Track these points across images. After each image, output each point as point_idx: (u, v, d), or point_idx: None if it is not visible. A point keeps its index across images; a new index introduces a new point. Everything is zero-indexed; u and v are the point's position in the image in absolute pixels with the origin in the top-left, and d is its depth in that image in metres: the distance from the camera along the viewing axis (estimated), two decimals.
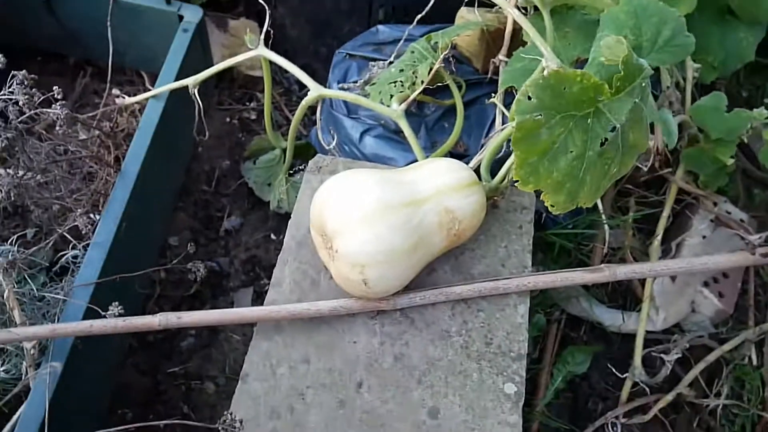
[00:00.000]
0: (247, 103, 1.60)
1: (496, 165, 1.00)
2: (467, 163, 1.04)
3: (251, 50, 1.10)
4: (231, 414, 0.66)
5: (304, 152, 1.32)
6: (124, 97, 1.25)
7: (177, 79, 1.23)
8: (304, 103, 1.03)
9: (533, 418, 1.15)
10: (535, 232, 1.21)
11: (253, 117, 1.57)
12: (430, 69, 1.06)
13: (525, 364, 0.88)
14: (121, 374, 1.22)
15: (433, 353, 0.88)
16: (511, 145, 0.77)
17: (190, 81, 1.15)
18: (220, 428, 0.65)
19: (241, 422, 0.70)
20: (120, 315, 0.91)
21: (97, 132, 1.25)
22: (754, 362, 1.22)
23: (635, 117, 0.83)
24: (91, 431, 1.12)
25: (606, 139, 0.81)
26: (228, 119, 1.55)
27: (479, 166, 1.00)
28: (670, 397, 1.08)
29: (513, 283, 0.91)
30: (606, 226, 1.21)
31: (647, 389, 1.11)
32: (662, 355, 1.08)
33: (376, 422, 0.84)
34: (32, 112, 1.01)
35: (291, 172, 1.29)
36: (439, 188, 0.84)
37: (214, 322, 0.89)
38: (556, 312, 1.25)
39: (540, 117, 0.77)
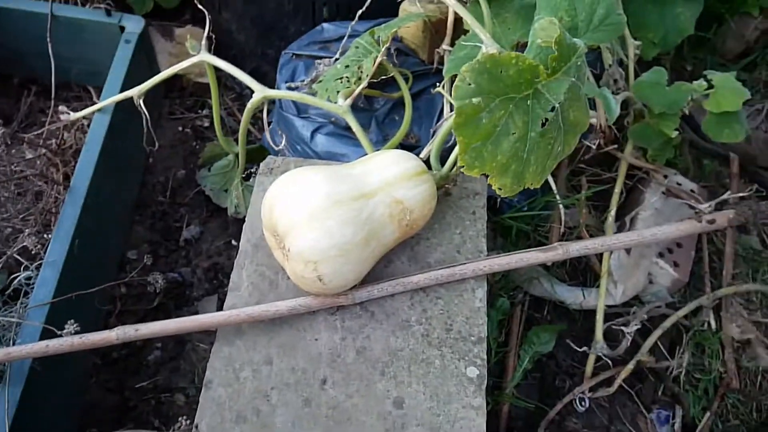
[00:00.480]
0: (199, 111, 1.58)
1: (447, 153, 1.01)
2: (419, 154, 1.06)
3: (194, 56, 1.09)
4: (184, 418, 0.66)
5: (259, 156, 1.31)
6: (69, 113, 1.23)
7: (122, 90, 1.21)
8: (249, 105, 1.02)
9: (503, 400, 1.17)
10: (491, 217, 1.23)
11: (206, 124, 1.56)
12: (375, 62, 1.06)
13: (486, 347, 0.89)
14: (87, 393, 1.20)
15: (394, 344, 0.89)
16: (453, 131, 0.78)
17: (135, 92, 1.14)
18: None
19: (197, 427, 0.70)
20: (76, 332, 0.89)
21: (43, 150, 1.23)
22: (713, 327, 1.25)
23: (574, 96, 0.85)
24: None
25: (546, 120, 0.82)
26: (180, 128, 1.53)
27: (430, 156, 1.01)
28: (631, 366, 1.11)
29: (469, 268, 0.92)
30: (561, 206, 1.23)
31: (610, 362, 1.13)
32: (623, 328, 1.11)
33: (343, 417, 0.84)
34: None
35: (245, 176, 1.28)
36: (387, 180, 0.85)
37: (172, 331, 0.88)
38: (519, 294, 1.27)
39: (479, 101, 0.78)
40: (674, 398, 1.19)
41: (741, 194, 1.21)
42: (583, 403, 1.18)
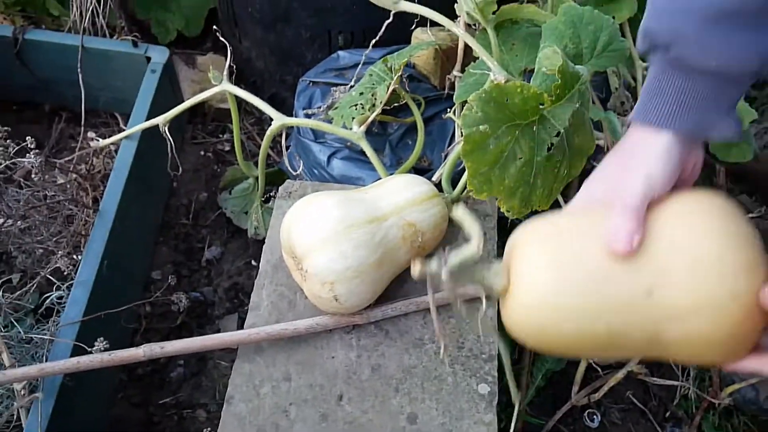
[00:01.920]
0: (220, 136, 1.64)
1: (458, 176, 1.04)
2: (431, 177, 1.10)
3: (216, 86, 1.15)
4: (208, 431, 0.70)
5: (277, 178, 1.36)
6: (98, 140, 1.30)
7: (148, 118, 1.28)
8: (269, 132, 1.07)
9: (517, 418, 1.19)
10: (503, 238, 1.26)
11: (227, 148, 1.62)
12: (388, 89, 1.11)
13: (497, 364, 0.92)
14: (114, 408, 1.24)
15: (408, 361, 0.92)
16: (462, 157, 0.82)
17: (160, 120, 1.20)
18: None
19: None
20: (106, 350, 0.94)
21: (74, 175, 1.29)
22: None
23: (578, 121, 0.89)
24: None
25: (552, 144, 0.86)
26: (203, 153, 1.59)
27: (442, 179, 1.05)
28: (620, 375, 1.12)
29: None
30: None
31: (600, 370, 1.15)
32: None
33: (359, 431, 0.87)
34: (8, 162, 1.06)
35: (264, 198, 1.33)
36: (399, 204, 0.89)
37: (196, 349, 0.92)
38: None
39: (486, 128, 0.81)
40: (687, 415, 1.20)
41: (752, 215, 1.23)
42: (594, 418, 1.20)
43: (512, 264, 0.64)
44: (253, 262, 1.42)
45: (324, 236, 0.82)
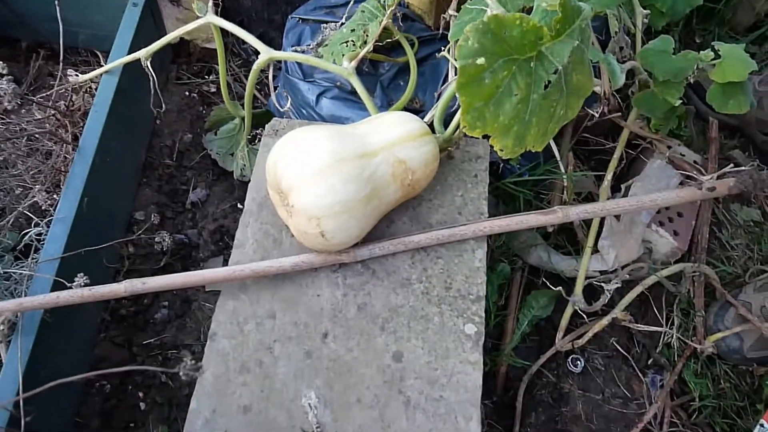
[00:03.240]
0: (206, 77, 1.59)
1: (450, 118, 1.02)
2: (423, 118, 1.07)
3: (201, 18, 1.10)
4: (189, 358, 0.69)
5: (265, 120, 1.31)
6: (77, 75, 1.25)
7: (130, 53, 1.23)
8: (255, 66, 1.03)
9: (501, 361, 1.19)
10: (494, 182, 1.24)
11: (213, 90, 1.57)
12: (380, 26, 1.07)
13: (484, 305, 0.91)
14: (96, 348, 1.23)
15: (395, 301, 0.91)
16: (456, 91, 0.79)
17: (142, 53, 1.15)
18: (180, 373, 0.67)
19: (200, 366, 0.73)
20: (86, 285, 0.92)
21: (52, 111, 1.24)
22: (691, 293, 1.27)
23: (577, 59, 0.86)
24: (70, 404, 1.15)
25: (549, 82, 0.83)
26: (187, 93, 1.55)
27: (434, 119, 1.02)
28: (605, 321, 1.12)
29: (470, 229, 0.94)
30: (564, 174, 1.24)
31: (586, 317, 1.16)
32: (603, 285, 1.12)
33: (343, 369, 0.87)
34: None
35: (251, 138, 1.30)
36: (390, 140, 0.86)
37: (179, 285, 0.90)
38: (520, 261, 1.29)
39: (483, 61, 0.78)
40: (669, 362, 1.22)
41: (743, 167, 1.21)
42: (577, 364, 1.20)
43: None
44: (239, 205, 1.40)
45: (314, 169, 0.79)
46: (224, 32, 1.12)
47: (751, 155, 1.53)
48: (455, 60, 1.07)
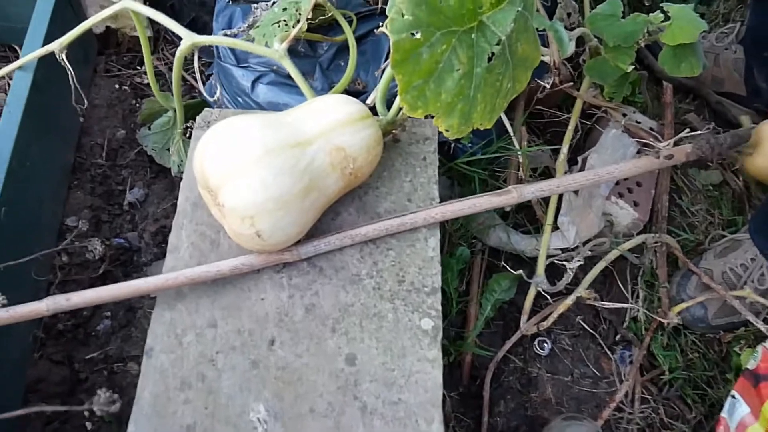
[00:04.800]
0: (138, 68, 1.49)
1: (394, 98, 0.95)
2: (365, 100, 1.00)
3: (116, 2, 1.00)
4: (104, 390, 0.62)
5: (200, 110, 1.24)
6: None
7: (45, 45, 1.12)
8: (178, 53, 0.95)
9: (465, 350, 1.15)
10: (446, 164, 1.18)
11: (146, 81, 1.47)
12: (312, 2, 0.99)
13: (440, 297, 0.85)
14: (33, 369, 1.14)
15: (345, 299, 0.85)
16: (392, 69, 0.72)
17: (56, 45, 1.05)
18: (95, 408, 0.60)
19: (118, 396, 0.65)
20: (3, 306, 0.83)
21: None
22: (655, 264, 1.24)
23: (521, 27, 0.80)
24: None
25: (493, 54, 0.77)
26: (118, 86, 1.44)
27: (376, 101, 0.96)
28: (569, 301, 1.09)
29: (420, 217, 0.88)
30: (518, 150, 1.19)
31: (550, 298, 1.12)
32: (565, 263, 1.09)
33: (293, 377, 0.80)
34: None
35: (185, 131, 1.21)
36: (326, 125, 0.79)
37: (107, 298, 0.83)
38: (479, 243, 1.24)
39: (418, 35, 0.72)
40: (637, 337, 1.19)
41: (699, 131, 1.18)
42: (544, 346, 1.17)
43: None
44: None
45: (243, 162, 0.72)
46: (156, 20, 1.03)
47: (706, 118, 1.51)
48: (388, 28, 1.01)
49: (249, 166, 0.72)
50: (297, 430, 0.77)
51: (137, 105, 1.44)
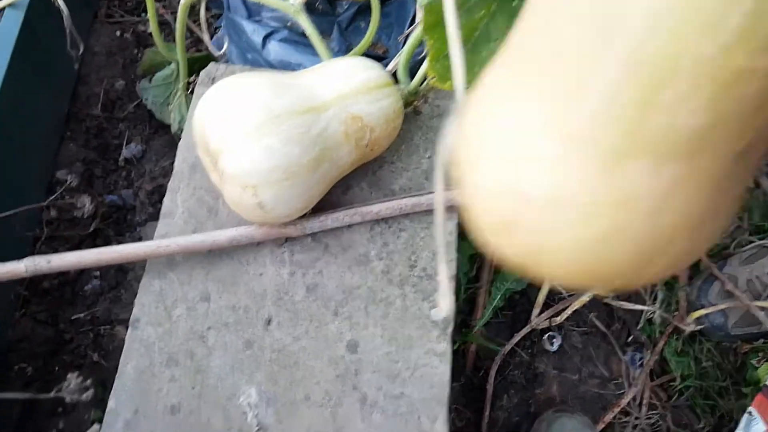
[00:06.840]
0: (142, 14, 1.40)
1: (418, 66, 0.87)
2: (386, 66, 0.92)
3: None
4: (75, 376, 0.55)
5: (205, 65, 1.15)
6: None
7: None
8: (183, 1, 0.86)
9: (470, 340, 1.09)
10: None
11: (150, 30, 1.37)
12: None
13: (454, 287, 0.79)
14: (15, 328, 1.08)
15: (350, 281, 0.79)
16: (423, 34, 0.65)
17: None
18: (65, 396, 0.54)
19: (88, 386, 0.59)
20: None
21: None
22: None
23: None
24: None
25: None
26: (119, 33, 1.35)
27: (398, 68, 0.88)
28: (585, 298, 1.03)
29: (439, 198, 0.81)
30: None
31: (563, 291, 1.07)
32: None
33: (289, 361, 0.74)
34: None
35: (188, 84, 1.13)
36: (343, 91, 0.71)
37: (90, 263, 0.76)
38: None
39: None
40: (650, 340, 1.13)
41: None
42: (553, 342, 1.11)
43: None
44: None
45: (245, 127, 0.64)
46: None
47: None
48: None
49: (254, 130, 0.65)
50: (290, 418, 0.72)
51: (139, 55, 1.35)
